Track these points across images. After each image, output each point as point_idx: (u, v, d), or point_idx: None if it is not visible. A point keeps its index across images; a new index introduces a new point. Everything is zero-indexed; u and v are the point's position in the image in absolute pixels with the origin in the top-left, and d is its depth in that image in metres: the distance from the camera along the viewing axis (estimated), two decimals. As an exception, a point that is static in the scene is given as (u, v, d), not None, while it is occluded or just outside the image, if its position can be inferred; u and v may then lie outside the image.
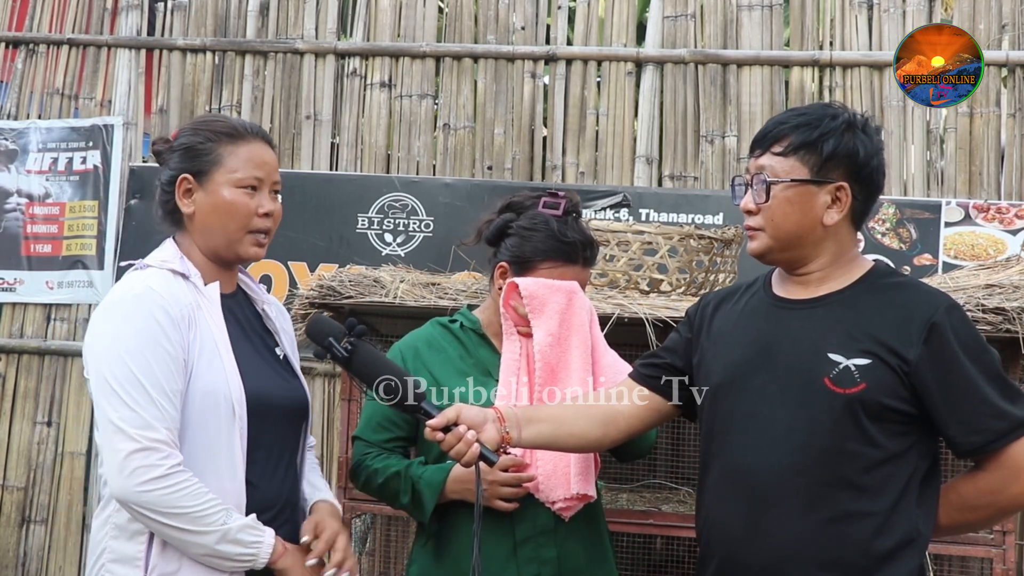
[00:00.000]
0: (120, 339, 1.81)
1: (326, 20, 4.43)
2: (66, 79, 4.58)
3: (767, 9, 4.15)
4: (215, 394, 1.84)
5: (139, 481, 1.75)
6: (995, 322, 2.57)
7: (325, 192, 4.21)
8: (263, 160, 1.96)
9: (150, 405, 1.77)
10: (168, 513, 1.76)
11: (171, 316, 1.83)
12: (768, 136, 1.85)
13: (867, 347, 1.76)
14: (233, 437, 1.85)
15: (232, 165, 1.93)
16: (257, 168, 1.94)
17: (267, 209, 1.95)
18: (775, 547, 1.78)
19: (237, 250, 1.95)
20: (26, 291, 4.45)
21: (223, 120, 2.00)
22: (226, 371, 1.86)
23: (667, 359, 2.04)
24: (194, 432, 1.83)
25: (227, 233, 1.94)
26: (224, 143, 1.94)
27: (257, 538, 1.83)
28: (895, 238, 3.89)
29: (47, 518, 4.36)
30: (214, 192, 1.93)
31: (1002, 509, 1.83)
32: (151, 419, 1.76)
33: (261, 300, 2.08)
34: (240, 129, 1.97)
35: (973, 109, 3.97)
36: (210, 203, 1.93)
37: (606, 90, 4.25)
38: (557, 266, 2.21)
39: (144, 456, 1.75)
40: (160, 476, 1.75)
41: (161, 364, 1.80)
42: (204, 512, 1.78)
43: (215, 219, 1.93)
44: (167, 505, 1.76)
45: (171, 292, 1.87)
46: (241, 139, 1.95)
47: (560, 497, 2.13)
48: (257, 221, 1.94)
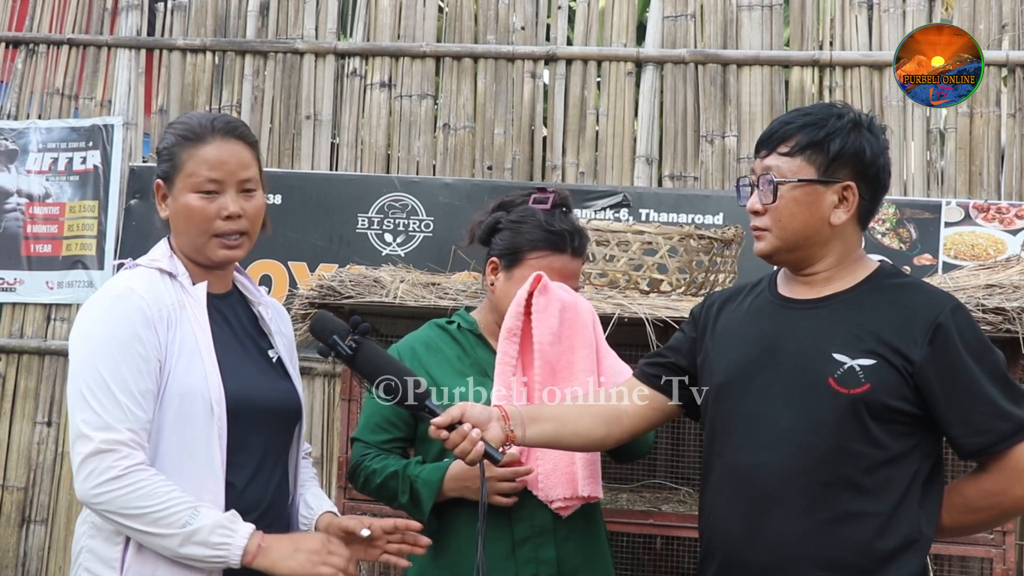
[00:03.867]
0: (92, 340, 1.81)
1: (326, 20, 4.43)
2: (66, 79, 4.58)
3: (767, 9, 4.15)
4: (193, 394, 1.82)
5: (94, 484, 1.74)
6: (995, 322, 2.57)
7: (325, 192, 4.21)
8: (221, 160, 1.88)
9: (114, 407, 1.76)
10: (126, 514, 1.74)
11: (147, 316, 1.82)
12: (774, 136, 1.85)
13: (872, 347, 1.76)
14: (212, 438, 1.82)
15: (189, 169, 1.88)
16: (213, 170, 1.88)
17: (230, 211, 1.88)
18: (776, 547, 1.78)
19: (205, 254, 1.91)
20: (26, 291, 4.45)
21: (186, 120, 1.94)
22: (206, 371, 1.84)
23: (671, 358, 2.04)
24: (172, 432, 1.81)
25: (191, 238, 1.90)
26: (183, 146, 1.89)
27: (226, 539, 1.76)
28: (895, 238, 3.90)
29: (47, 518, 4.36)
30: (177, 197, 1.89)
31: (1005, 511, 1.83)
32: (112, 420, 1.75)
33: (257, 301, 2.05)
34: (199, 129, 1.90)
35: (973, 109, 3.97)
36: (175, 209, 1.91)
37: (606, 90, 4.25)
38: (545, 255, 2.22)
39: (100, 459, 1.74)
40: (114, 477, 1.74)
41: (130, 365, 1.78)
42: (163, 512, 1.74)
43: (180, 225, 1.91)
44: (124, 506, 1.74)
45: (153, 291, 1.86)
46: (199, 140, 1.89)
47: (560, 496, 2.13)
48: (219, 224, 1.88)
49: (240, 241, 1.92)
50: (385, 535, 1.93)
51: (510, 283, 2.22)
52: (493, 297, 2.28)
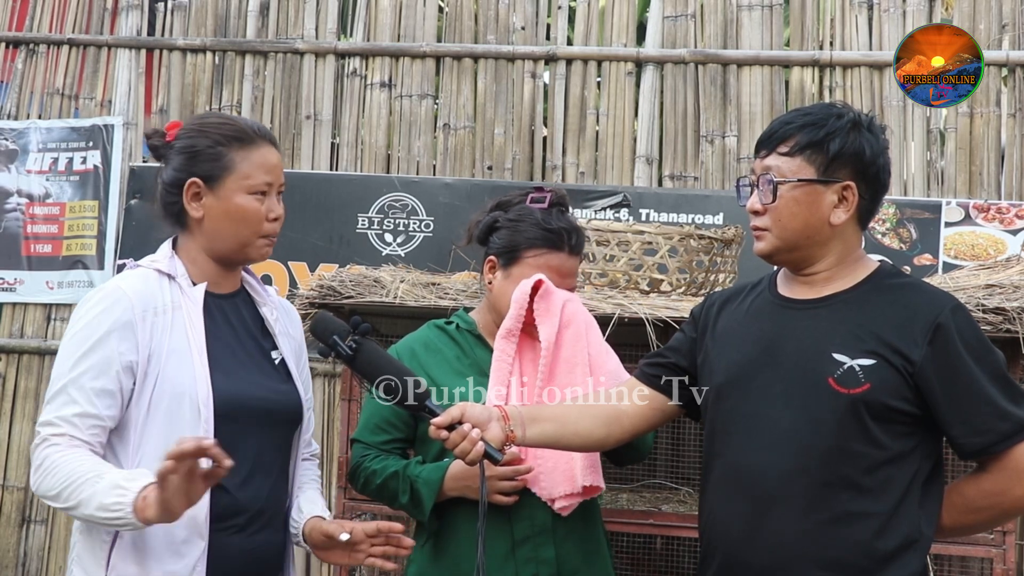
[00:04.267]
0: (68, 336, 1.86)
1: (326, 20, 4.43)
2: (66, 79, 4.57)
3: (767, 9, 4.15)
4: (181, 396, 1.83)
5: (32, 479, 1.79)
6: (995, 322, 2.57)
7: (325, 192, 4.21)
8: (272, 164, 1.96)
9: (63, 403, 1.80)
10: (51, 498, 1.76)
11: (128, 318, 1.84)
12: (774, 136, 1.85)
13: (872, 347, 1.76)
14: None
15: (245, 171, 1.92)
16: (267, 173, 1.95)
17: (276, 213, 1.96)
18: (776, 547, 1.78)
19: (248, 253, 1.97)
20: (26, 291, 4.45)
21: (232, 123, 1.97)
22: (195, 372, 1.85)
23: (671, 358, 2.04)
24: (159, 433, 1.82)
25: (239, 238, 1.94)
26: (235, 148, 1.93)
27: (119, 498, 1.68)
28: (895, 238, 3.90)
29: (47, 518, 4.36)
30: (226, 198, 1.92)
31: (1005, 511, 1.83)
32: (54, 417, 1.79)
33: (263, 302, 2.06)
34: (250, 133, 1.96)
35: (973, 109, 3.97)
36: (221, 208, 1.92)
37: (606, 90, 4.25)
38: (542, 253, 2.22)
39: (35, 454, 1.79)
40: (37, 466, 1.78)
41: (92, 362, 1.81)
42: (67, 486, 1.73)
43: (227, 224, 1.93)
44: (44, 492, 1.77)
45: (143, 291, 1.87)
46: (252, 144, 1.94)
47: (562, 493, 2.13)
48: (267, 226, 1.95)
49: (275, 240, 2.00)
50: (368, 539, 1.94)
51: (508, 282, 2.22)
52: (491, 296, 2.28)
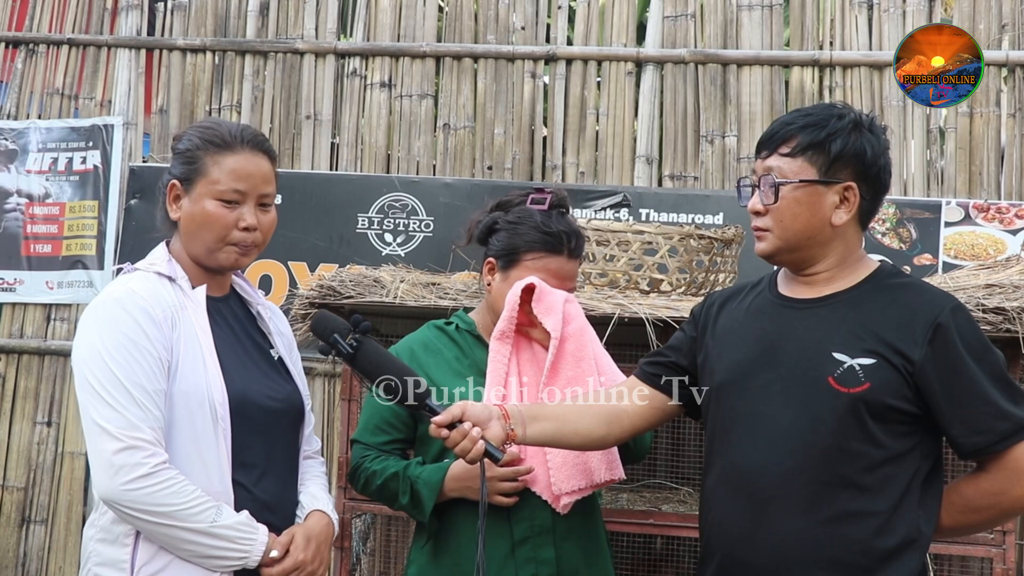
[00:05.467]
0: (101, 342, 1.81)
1: (326, 20, 4.43)
2: (66, 79, 4.57)
3: (767, 9, 4.15)
4: (198, 396, 1.84)
5: (125, 480, 1.75)
6: (995, 322, 2.57)
7: (325, 192, 4.21)
8: (247, 172, 1.92)
9: (132, 406, 1.77)
10: (155, 511, 1.76)
11: (152, 317, 1.83)
12: (775, 137, 1.85)
13: (872, 347, 1.76)
14: (217, 438, 1.84)
15: (214, 176, 1.90)
16: (239, 181, 1.91)
17: (248, 223, 1.92)
18: (776, 546, 1.78)
19: (216, 259, 1.94)
20: (26, 291, 4.45)
21: (215, 127, 1.96)
22: (208, 374, 1.86)
23: (672, 357, 2.04)
24: (179, 434, 1.83)
25: (204, 243, 1.92)
26: (210, 152, 1.91)
27: (249, 535, 1.83)
28: (895, 238, 3.90)
29: (47, 518, 4.36)
30: (196, 201, 1.91)
31: (1004, 511, 1.83)
32: (135, 419, 1.77)
33: (255, 302, 2.07)
34: (229, 138, 1.93)
35: (973, 109, 3.97)
36: (191, 212, 1.92)
37: (606, 90, 4.25)
38: (542, 256, 2.21)
39: (129, 454, 1.75)
40: (145, 474, 1.75)
41: (142, 365, 1.80)
42: (191, 509, 1.77)
43: (194, 228, 1.92)
44: (153, 503, 1.76)
45: (154, 294, 1.87)
46: (228, 149, 1.92)
47: (573, 487, 2.13)
48: (236, 234, 1.92)
49: (249, 250, 1.95)
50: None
51: (506, 284, 2.22)
52: (490, 297, 2.28)
